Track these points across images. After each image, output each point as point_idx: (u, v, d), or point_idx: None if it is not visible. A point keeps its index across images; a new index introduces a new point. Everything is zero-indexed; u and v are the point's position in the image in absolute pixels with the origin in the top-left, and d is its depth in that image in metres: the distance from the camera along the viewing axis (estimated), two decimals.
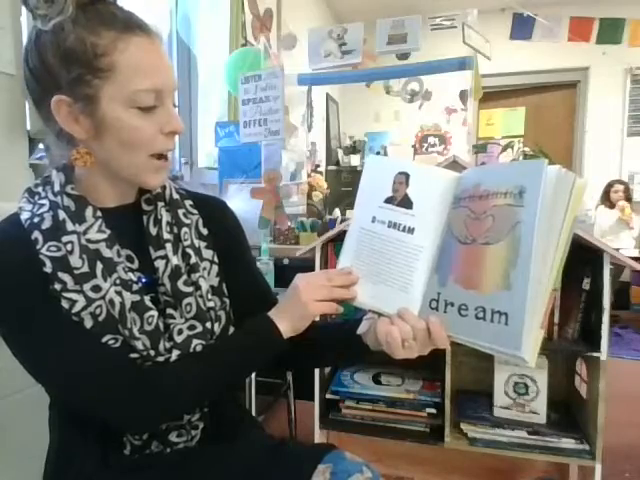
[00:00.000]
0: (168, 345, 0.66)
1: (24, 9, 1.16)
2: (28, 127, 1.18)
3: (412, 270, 0.63)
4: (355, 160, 4.59)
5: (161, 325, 0.66)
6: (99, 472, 0.67)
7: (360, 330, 0.70)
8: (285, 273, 1.73)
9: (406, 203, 0.65)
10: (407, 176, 0.65)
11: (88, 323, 0.61)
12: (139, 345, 0.63)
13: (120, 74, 0.60)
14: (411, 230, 0.64)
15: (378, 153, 4.40)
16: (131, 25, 0.62)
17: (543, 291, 0.53)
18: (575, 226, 0.55)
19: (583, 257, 1.22)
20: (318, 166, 3.69)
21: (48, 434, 0.74)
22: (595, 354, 1.20)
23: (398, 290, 0.64)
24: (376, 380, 1.42)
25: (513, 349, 0.52)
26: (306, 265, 1.33)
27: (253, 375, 1.43)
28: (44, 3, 0.59)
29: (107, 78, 0.60)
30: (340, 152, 4.70)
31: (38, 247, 0.61)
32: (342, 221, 2.12)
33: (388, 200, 0.66)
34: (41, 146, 1.24)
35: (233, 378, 0.70)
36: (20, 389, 1.07)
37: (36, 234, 0.61)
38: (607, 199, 3.99)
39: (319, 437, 1.39)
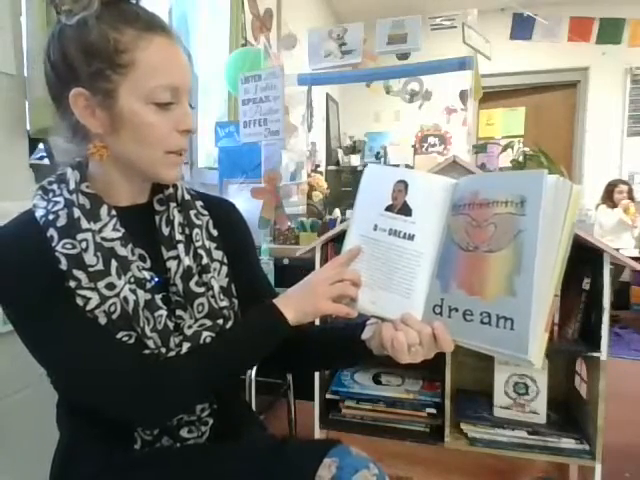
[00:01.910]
0: (177, 340, 0.66)
1: (24, 9, 1.16)
2: (28, 127, 1.18)
3: (413, 276, 0.64)
4: (355, 160, 4.59)
5: (170, 324, 0.67)
6: (109, 467, 0.68)
7: (364, 336, 0.70)
8: (285, 273, 1.73)
9: (405, 210, 0.66)
10: (406, 184, 0.67)
11: (102, 320, 0.62)
12: (150, 344, 0.64)
13: (139, 70, 0.61)
14: (411, 237, 0.65)
15: (378, 153, 4.40)
16: (153, 25, 0.63)
17: (547, 296, 0.54)
18: (573, 230, 0.56)
19: (583, 257, 1.22)
20: (318, 166, 3.69)
21: (49, 433, 0.74)
22: (595, 354, 1.20)
23: (400, 296, 0.65)
24: (376, 380, 1.42)
25: (520, 353, 0.54)
26: (306, 265, 1.33)
27: (253, 375, 1.43)
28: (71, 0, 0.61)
29: (126, 74, 0.61)
30: (340, 152, 4.70)
31: (53, 244, 0.61)
32: (342, 221, 2.12)
33: (388, 208, 0.67)
34: (41, 146, 1.24)
35: (240, 366, 0.71)
36: (20, 389, 1.07)
37: (51, 231, 0.62)
38: (609, 199, 3.97)
39: (319, 437, 1.39)
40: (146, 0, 0.69)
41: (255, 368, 1.38)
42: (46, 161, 1.24)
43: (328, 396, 1.39)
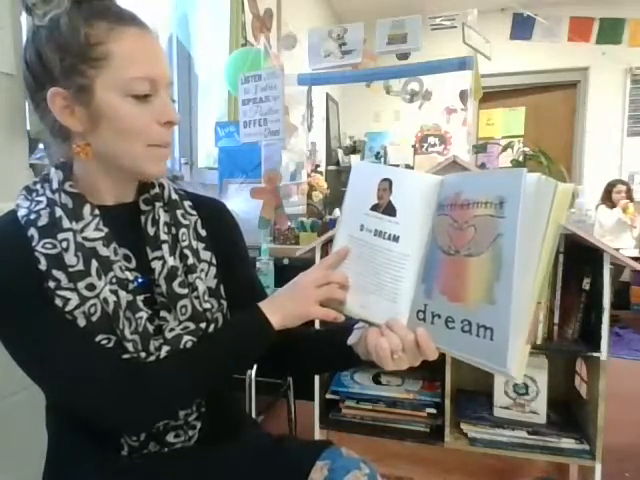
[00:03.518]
0: (157, 344, 0.65)
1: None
2: (28, 127, 1.18)
3: (399, 279, 0.62)
4: (355, 160, 4.59)
5: (150, 327, 0.66)
6: (97, 473, 0.67)
7: (351, 341, 0.69)
8: (285, 273, 1.72)
9: (390, 210, 0.63)
10: (390, 182, 0.64)
11: (81, 322, 0.61)
12: (130, 347, 0.63)
13: (114, 62, 0.61)
14: (396, 238, 0.62)
15: (378, 153, 4.40)
16: (124, 17, 0.63)
17: (527, 305, 0.51)
18: (559, 233, 0.53)
19: (583, 257, 1.22)
20: (318, 166, 3.69)
21: (46, 434, 0.74)
22: (595, 354, 1.20)
23: (386, 300, 0.62)
24: (376, 380, 1.42)
25: (499, 365, 0.51)
26: (306, 265, 1.33)
27: (253, 375, 1.43)
28: (42, 2, 0.60)
29: (101, 67, 0.61)
30: (340, 152, 4.70)
31: (33, 244, 0.60)
32: None
33: (374, 207, 0.65)
34: (41, 146, 1.24)
35: (225, 371, 0.70)
36: (20, 389, 1.07)
37: (32, 231, 0.61)
38: (608, 199, 3.98)
39: (319, 437, 1.39)
40: (147, 1, 0.69)
41: (255, 368, 1.37)
42: (46, 161, 1.24)
43: (328, 396, 1.39)
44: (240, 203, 1.87)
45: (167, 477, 0.68)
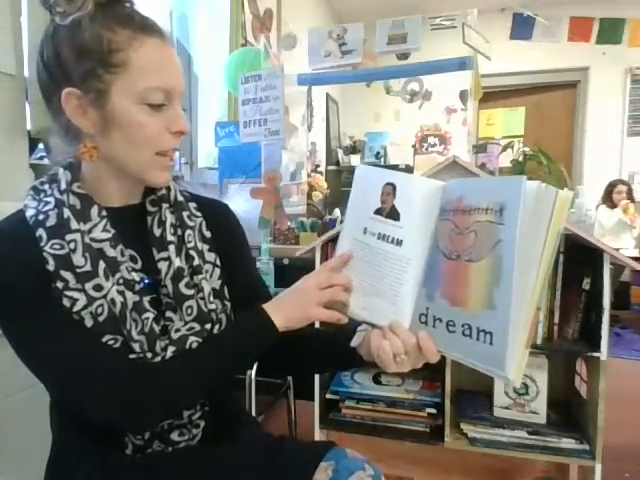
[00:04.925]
0: (163, 344, 0.66)
1: (24, 9, 1.16)
2: (28, 127, 1.18)
3: (401, 282, 0.62)
4: (355, 160, 4.60)
5: (156, 328, 0.66)
6: (101, 472, 0.67)
7: (354, 342, 0.69)
8: (285, 273, 1.73)
9: (393, 214, 0.64)
10: (394, 187, 0.65)
11: (88, 322, 0.61)
12: (136, 347, 0.63)
13: (132, 71, 0.61)
14: (399, 242, 0.63)
15: (378, 153, 4.40)
16: (147, 26, 0.63)
17: (526, 311, 0.52)
18: (559, 240, 0.54)
19: (583, 257, 1.22)
20: (318, 166, 3.69)
21: (49, 434, 0.74)
22: (595, 354, 1.20)
23: (388, 302, 0.63)
24: (376, 380, 1.42)
25: (498, 369, 0.52)
26: (306, 265, 1.33)
27: (253, 375, 1.43)
28: (64, 1, 0.60)
29: (119, 74, 0.61)
30: (340, 152, 4.70)
31: (42, 244, 0.61)
32: (342, 221, 2.12)
33: (377, 211, 0.66)
34: (41, 146, 1.24)
35: (229, 371, 0.70)
36: (20, 389, 1.07)
37: (40, 231, 0.62)
38: (609, 199, 3.98)
39: (319, 437, 1.39)
40: (146, 0, 0.69)
41: (255, 368, 1.37)
42: (46, 161, 1.24)
43: (328, 396, 1.39)
44: (240, 203, 1.87)
45: (170, 477, 0.68)
